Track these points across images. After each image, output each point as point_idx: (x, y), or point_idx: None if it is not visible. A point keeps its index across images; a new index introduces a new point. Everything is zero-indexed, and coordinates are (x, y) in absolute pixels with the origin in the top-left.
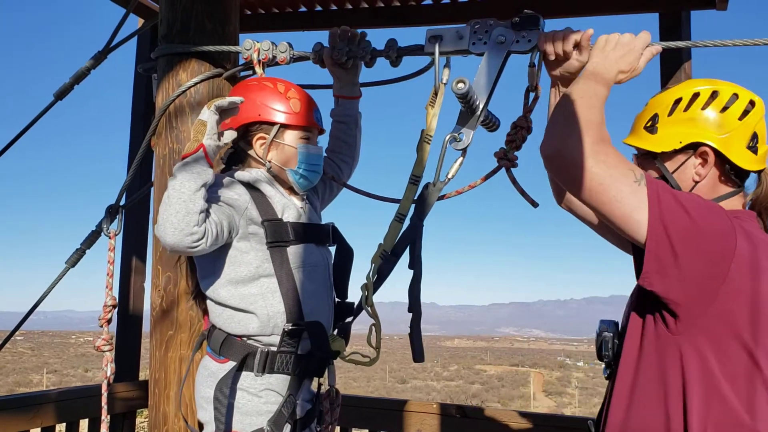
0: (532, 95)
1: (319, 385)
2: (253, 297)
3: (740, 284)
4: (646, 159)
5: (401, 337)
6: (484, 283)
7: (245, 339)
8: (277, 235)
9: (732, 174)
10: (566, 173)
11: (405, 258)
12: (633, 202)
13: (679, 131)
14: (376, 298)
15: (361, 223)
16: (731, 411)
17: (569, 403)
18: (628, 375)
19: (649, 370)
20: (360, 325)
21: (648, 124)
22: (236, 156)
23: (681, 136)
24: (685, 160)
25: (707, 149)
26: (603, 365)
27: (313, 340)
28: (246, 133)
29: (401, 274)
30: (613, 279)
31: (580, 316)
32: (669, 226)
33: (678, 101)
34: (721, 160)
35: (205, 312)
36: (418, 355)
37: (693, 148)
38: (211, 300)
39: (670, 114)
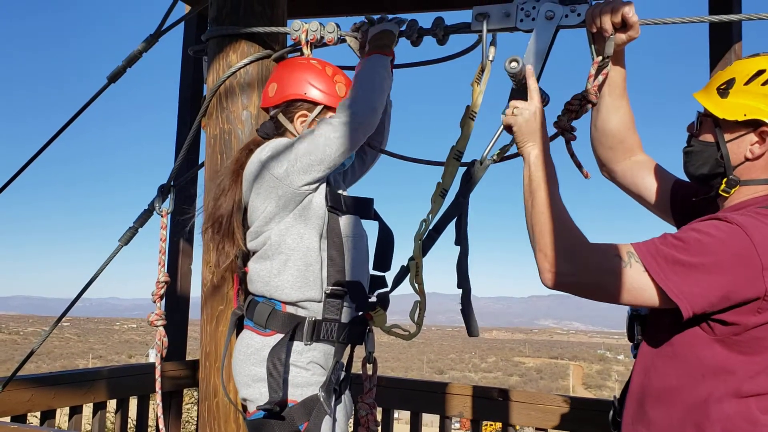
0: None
1: (351, 354)
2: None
3: None
4: (706, 119)
5: (438, 327)
6: (523, 274)
7: (288, 305)
8: (336, 202)
9: None
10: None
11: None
12: (638, 284)
13: (748, 104)
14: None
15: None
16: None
17: (609, 396)
18: (652, 347)
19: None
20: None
21: (722, 87)
22: (272, 128)
23: (747, 109)
24: (743, 134)
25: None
26: (632, 346)
27: (352, 298)
28: (288, 107)
29: (436, 264)
30: None
31: (621, 308)
32: (683, 287)
33: (760, 73)
34: None
35: (242, 281)
36: (473, 329)
37: (755, 125)
38: (261, 254)
39: (747, 83)
